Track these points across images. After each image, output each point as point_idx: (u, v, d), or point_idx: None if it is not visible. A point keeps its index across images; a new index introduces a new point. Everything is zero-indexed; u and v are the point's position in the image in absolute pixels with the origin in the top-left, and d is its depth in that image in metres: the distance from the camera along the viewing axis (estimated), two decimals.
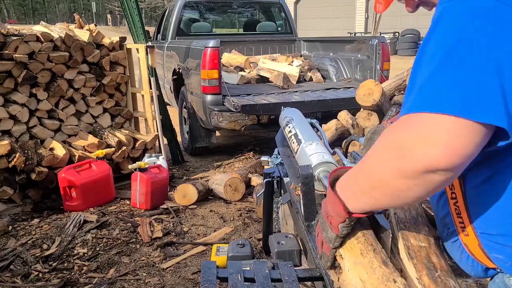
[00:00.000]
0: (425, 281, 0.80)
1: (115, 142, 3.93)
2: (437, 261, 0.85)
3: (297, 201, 1.38)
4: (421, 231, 0.93)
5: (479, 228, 0.83)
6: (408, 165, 0.69)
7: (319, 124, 1.83)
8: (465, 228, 0.85)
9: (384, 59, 4.68)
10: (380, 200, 0.77)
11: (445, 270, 0.83)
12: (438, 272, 0.81)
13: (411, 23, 16.95)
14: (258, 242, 2.89)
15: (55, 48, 3.72)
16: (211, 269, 1.10)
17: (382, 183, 0.74)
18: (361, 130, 3.70)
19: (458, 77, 0.67)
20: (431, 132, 0.67)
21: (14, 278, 2.52)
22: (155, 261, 2.75)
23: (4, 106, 3.47)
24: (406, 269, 0.86)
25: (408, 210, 0.99)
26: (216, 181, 3.76)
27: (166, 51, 5.70)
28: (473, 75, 0.66)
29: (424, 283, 0.79)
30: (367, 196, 0.78)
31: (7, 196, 3.36)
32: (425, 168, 0.67)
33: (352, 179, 0.83)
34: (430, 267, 0.83)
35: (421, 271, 0.82)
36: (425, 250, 0.88)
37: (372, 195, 0.77)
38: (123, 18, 37.57)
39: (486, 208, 0.81)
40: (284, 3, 6.70)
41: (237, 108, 4.07)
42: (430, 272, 0.81)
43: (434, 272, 0.81)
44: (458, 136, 0.66)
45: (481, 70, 0.66)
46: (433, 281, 0.79)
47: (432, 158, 0.66)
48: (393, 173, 0.71)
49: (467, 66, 0.67)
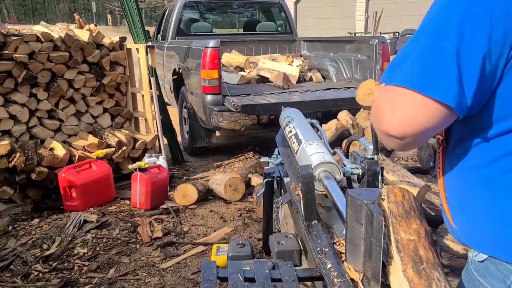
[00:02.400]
0: (409, 274, 0.82)
1: (115, 142, 3.94)
2: (424, 254, 0.87)
3: (297, 201, 1.38)
4: (412, 225, 0.95)
5: (447, 196, 0.93)
6: (379, 125, 0.84)
7: (319, 124, 1.83)
8: (442, 195, 0.94)
9: (384, 59, 4.68)
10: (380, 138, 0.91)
11: (431, 263, 0.85)
12: (423, 265, 0.84)
13: (411, 23, 16.93)
14: (258, 242, 2.89)
15: (55, 48, 3.72)
16: (211, 269, 1.10)
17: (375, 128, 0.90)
18: (361, 130, 3.70)
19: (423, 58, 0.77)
20: (394, 102, 0.79)
21: (14, 278, 2.52)
22: (155, 261, 2.75)
23: (4, 106, 3.47)
24: (394, 263, 0.88)
25: (401, 203, 0.99)
26: (216, 181, 3.76)
27: (166, 51, 5.70)
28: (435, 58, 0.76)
29: (408, 276, 0.82)
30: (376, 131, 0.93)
31: (7, 196, 3.37)
32: (386, 131, 0.82)
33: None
34: (416, 260, 0.85)
35: (406, 264, 0.84)
36: (414, 243, 0.90)
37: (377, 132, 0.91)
38: (123, 18, 37.57)
39: (450, 177, 0.90)
40: (284, 3, 6.70)
41: (237, 108, 4.07)
42: (416, 265, 0.84)
43: (419, 264, 0.84)
44: (412, 109, 0.77)
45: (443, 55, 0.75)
46: (417, 274, 0.82)
47: (390, 126, 0.80)
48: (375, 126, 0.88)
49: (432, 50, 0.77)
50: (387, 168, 2.78)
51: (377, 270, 0.90)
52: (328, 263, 1.06)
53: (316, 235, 1.18)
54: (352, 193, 0.98)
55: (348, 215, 1.01)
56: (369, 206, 0.92)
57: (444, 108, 0.75)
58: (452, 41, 0.74)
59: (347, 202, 1.01)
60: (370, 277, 0.94)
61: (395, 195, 1.02)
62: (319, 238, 1.17)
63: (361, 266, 0.98)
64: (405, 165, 2.96)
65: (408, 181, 2.59)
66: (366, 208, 0.93)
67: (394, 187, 1.04)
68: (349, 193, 0.99)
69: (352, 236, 1.00)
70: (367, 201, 0.93)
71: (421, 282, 0.80)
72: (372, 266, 0.92)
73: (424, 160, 3.16)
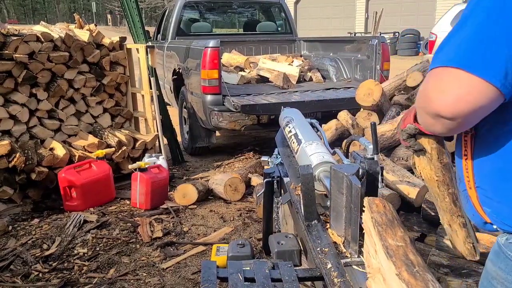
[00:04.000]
0: (404, 276, 0.85)
1: (115, 142, 3.93)
2: (414, 258, 0.91)
3: (297, 201, 1.38)
4: (397, 233, 1.00)
5: (477, 181, 0.95)
6: (428, 107, 0.86)
7: (319, 124, 1.83)
8: (470, 181, 0.97)
9: (384, 59, 4.68)
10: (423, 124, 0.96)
11: (422, 266, 0.89)
12: (416, 268, 0.87)
13: (411, 23, 16.94)
14: (258, 242, 2.89)
15: (55, 48, 3.72)
16: (211, 269, 1.10)
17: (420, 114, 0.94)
18: (361, 130, 3.69)
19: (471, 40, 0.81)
20: (443, 82, 0.82)
21: (14, 278, 2.52)
22: (155, 261, 2.75)
23: (4, 106, 3.47)
24: (384, 268, 0.90)
25: (384, 213, 1.06)
26: (216, 181, 3.76)
27: (166, 51, 5.70)
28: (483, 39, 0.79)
29: (404, 278, 0.84)
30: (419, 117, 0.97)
31: (7, 196, 3.37)
32: (436, 111, 0.83)
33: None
34: (408, 263, 0.88)
35: (400, 268, 0.87)
36: (403, 249, 0.94)
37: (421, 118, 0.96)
38: (123, 18, 37.57)
39: (483, 162, 0.93)
40: (284, 3, 6.70)
41: (237, 108, 4.07)
42: (409, 268, 0.86)
43: (412, 267, 0.87)
44: (461, 87, 0.80)
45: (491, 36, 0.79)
46: (412, 276, 0.84)
47: (440, 105, 0.82)
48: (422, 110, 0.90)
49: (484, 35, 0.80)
50: (387, 168, 2.78)
51: (356, 232, 1.07)
52: (328, 263, 1.07)
53: (316, 235, 1.19)
54: (335, 167, 1.15)
55: (331, 187, 1.16)
56: (348, 177, 1.07)
57: (491, 88, 0.78)
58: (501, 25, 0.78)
59: (331, 175, 1.16)
60: (350, 239, 1.10)
61: (376, 205, 1.08)
62: (319, 238, 1.17)
63: (343, 231, 1.14)
64: (405, 165, 2.95)
65: (408, 181, 2.59)
66: (347, 179, 1.08)
67: (375, 198, 1.11)
68: (332, 168, 1.16)
69: (335, 205, 1.16)
70: (347, 173, 1.09)
71: (418, 283, 0.83)
72: (352, 229, 1.08)
73: None
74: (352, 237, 1.09)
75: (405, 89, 3.87)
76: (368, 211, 1.08)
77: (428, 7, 16.38)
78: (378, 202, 1.08)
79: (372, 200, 1.09)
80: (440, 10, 14.54)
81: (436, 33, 8.70)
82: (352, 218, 1.08)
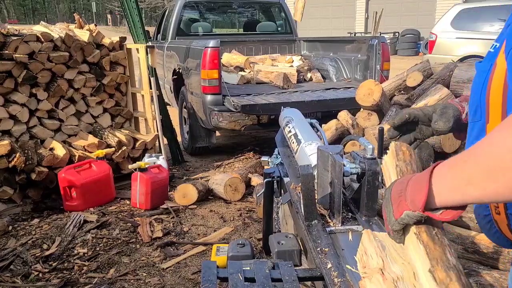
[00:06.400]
0: (424, 238, 0.80)
1: (115, 142, 3.93)
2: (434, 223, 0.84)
3: (297, 201, 1.38)
4: None
5: (509, 208, 0.85)
6: None
7: (319, 124, 1.83)
8: (498, 207, 0.87)
9: (384, 59, 4.68)
10: (493, 190, 0.63)
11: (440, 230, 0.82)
12: (435, 230, 0.81)
13: (411, 23, 16.94)
14: (258, 242, 2.89)
15: (55, 48, 3.72)
16: (211, 269, 1.10)
17: (504, 169, 0.60)
18: (361, 130, 3.70)
19: None
20: None
21: (14, 278, 2.52)
22: (155, 261, 2.75)
23: (4, 106, 3.47)
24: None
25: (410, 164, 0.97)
26: (216, 181, 3.76)
27: (166, 51, 5.70)
28: None
29: (423, 240, 0.80)
30: (474, 187, 0.65)
31: (7, 196, 3.37)
32: None
33: (459, 167, 0.70)
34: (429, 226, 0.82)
35: (419, 228, 0.81)
36: None
37: (482, 186, 0.64)
38: (123, 18, 37.56)
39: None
40: (284, 3, 6.70)
41: (237, 108, 4.07)
42: (429, 229, 0.81)
43: (432, 229, 0.81)
44: None
45: None
46: (431, 238, 0.80)
47: None
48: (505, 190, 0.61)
49: None
50: None
51: (338, 203, 1.18)
52: (328, 263, 1.06)
53: (316, 235, 1.18)
54: (321, 147, 1.28)
55: (318, 165, 1.28)
56: (333, 156, 1.18)
57: None
58: None
59: (318, 155, 1.27)
60: (334, 211, 1.21)
61: (403, 153, 0.96)
62: (319, 238, 1.17)
63: (328, 205, 1.25)
64: None
65: None
66: (331, 158, 1.19)
67: (402, 144, 0.99)
68: (318, 148, 1.28)
69: (321, 181, 1.27)
70: (332, 152, 1.20)
71: (436, 248, 0.77)
72: (335, 201, 1.19)
73: (424, 160, 3.16)
74: (336, 209, 1.20)
75: (405, 89, 3.87)
76: (394, 157, 0.95)
77: (428, 7, 16.38)
78: (405, 149, 0.96)
79: (399, 146, 0.97)
80: (440, 10, 14.53)
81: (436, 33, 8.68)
82: (336, 192, 1.19)
